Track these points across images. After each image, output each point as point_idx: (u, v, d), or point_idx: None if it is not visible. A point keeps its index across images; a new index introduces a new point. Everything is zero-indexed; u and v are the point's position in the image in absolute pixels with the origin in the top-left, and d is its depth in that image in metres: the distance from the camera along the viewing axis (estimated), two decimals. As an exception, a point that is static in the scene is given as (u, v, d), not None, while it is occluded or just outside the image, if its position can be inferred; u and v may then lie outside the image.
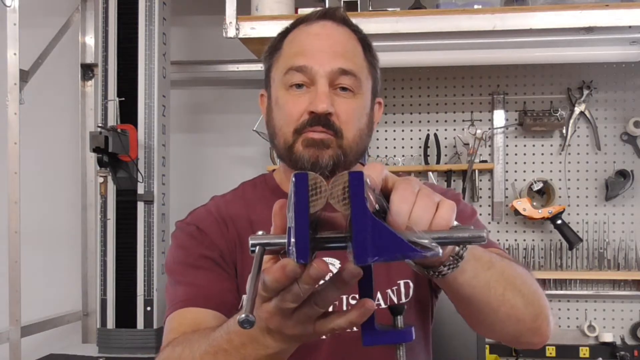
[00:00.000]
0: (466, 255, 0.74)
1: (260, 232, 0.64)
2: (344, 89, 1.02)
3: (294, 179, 0.60)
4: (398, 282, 1.07)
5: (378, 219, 0.58)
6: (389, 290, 1.07)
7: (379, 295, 1.06)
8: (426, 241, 0.60)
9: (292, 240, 0.58)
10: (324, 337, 1.04)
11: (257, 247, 0.62)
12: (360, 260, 0.58)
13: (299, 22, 1.08)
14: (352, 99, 1.03)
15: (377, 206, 0.61)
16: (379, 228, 0.58)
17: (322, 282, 0.63)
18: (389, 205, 0.63)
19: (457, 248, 0.72)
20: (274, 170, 1.19)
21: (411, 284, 1.08)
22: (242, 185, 1.18)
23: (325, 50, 1.02)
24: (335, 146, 1.01)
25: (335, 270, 0.64)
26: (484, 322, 0.89)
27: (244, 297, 0.61)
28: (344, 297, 1.04)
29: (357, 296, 0.69)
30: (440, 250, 0.59)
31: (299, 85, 1.02)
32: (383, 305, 1.05)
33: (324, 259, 0.61)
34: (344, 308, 1.01)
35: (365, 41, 1.09)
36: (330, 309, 0.68)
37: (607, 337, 2.43)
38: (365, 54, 1.08)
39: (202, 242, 1.07)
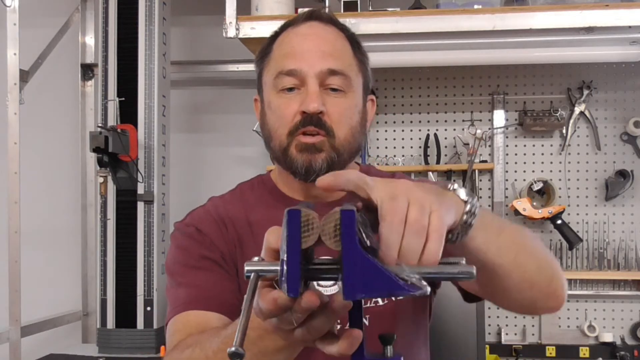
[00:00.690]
0: (475, 222, 0.75)
1: (255, 258, 0.66)
2: (334, 89, 1.03)
3: (286, 216, 0.61)
4: None
5: (368, 256, 0.60)
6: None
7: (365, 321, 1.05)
8: (415, 279, 0.61)
9: (283, 277, 0.60)
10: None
11: (252, 274, 0.64)
12: (349, 297, 0.60)
13: (287, 25, 1.09)
14: (342, 98, 1.04)
15: (368, 242, 0.62)
16: (368, 266, 0.59)
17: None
18: (379, 236, 0.64)
19: (465, 217, 0.74)
20: (270, 170, 1.19)
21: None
22: (239, 186, 1.18)
23: (314, 51, 1.03)
24: (328, 148, 1.02)
25: (328, 295, 0.66)
26: (498, 288, 0.89)
27: (238, 321, 0.63)
28: None
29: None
30: (428, 289, 0.60)
31: (290, 89, 1.03)
32: (380, 303, 1.05)
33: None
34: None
35: (353, 39, 1.09)
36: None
37: (607, 337, 2.43)
38: (354, 51, 1.08)
39: (202, 242, 1.07)
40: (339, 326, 0.76)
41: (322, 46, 1.04)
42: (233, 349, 0.59)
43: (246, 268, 0.64)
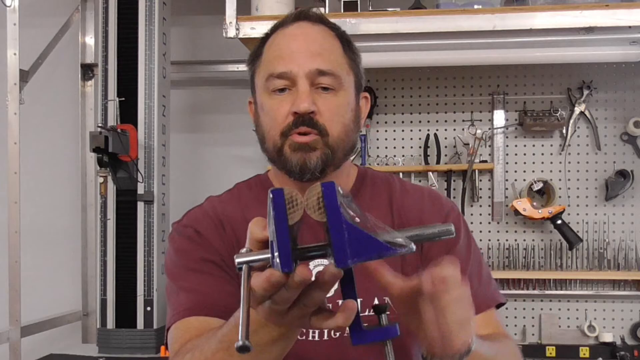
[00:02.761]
0: None
1: (243, 250, 0.67)
2: (325, 88, 1.03)
3: (271, 195, 0.63)
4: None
5: (352, 224, 0.62)
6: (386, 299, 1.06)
7: (375, 300, 1.05)
8: (400, 240, 0.64)
9: (276, 253, 0.62)
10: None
11: (244, 266, 0.65)
12: (341, 264, 0.61)
13: (277, 26, 1.10)
14: (334, 96, 1.04)
15: (349, 211, 0.64)
16: (355, 231, 0.61)
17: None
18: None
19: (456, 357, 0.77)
20: (269, 170, 1.19)
21: None
22: (237, 186, 1.18)
23: (302, 51, 1.03)
24: (322, 146, 1.02)
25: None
26: None
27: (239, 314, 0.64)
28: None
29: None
30: (414, 247, 0.64)
31: (281, 90, 1.04)
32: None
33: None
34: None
35: (343, 37, 1.09)
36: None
37: (607, 337, 2.43)
38: (344, 50, 1.08)
39: (202, 245, 1.07)
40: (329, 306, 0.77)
41: (310, 46, 1.04)
42: (240, 342, 0.61)
43: (236, 260, 0.66)
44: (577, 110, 2.50)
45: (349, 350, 1.04)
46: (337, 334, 1.05)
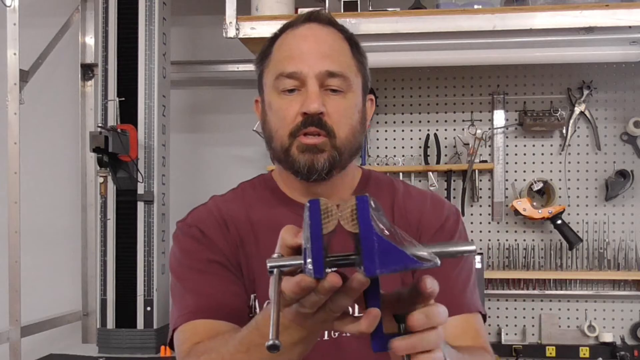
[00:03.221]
0: None
1: (274, 255, 0.72)
2: (334, 90, 1.04)
3: (308, 205, 0.68)
4: None
5: (382, 236, 0.66)
6: None
7: None
8: (425, 254, 0.68)
9: (309, 260, 0.66)
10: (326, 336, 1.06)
11: (275, 270, 0.70)
12: (370, 273, 0.65)
13: (286, 26, 1.10)
14: (342, 98, 1.05)
15: (380, 224, 0.68)
16: (384, 244, 0.65)
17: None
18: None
19: None
20: (272, 170, 1.19)
21: None
22: (241, 185, 1.19)
23: (313, 52, 1.04)
24: (329, 148, 1.03)
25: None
26: None
27: (270, 315, 0.68)
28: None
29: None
30: (439, 262, 0.68)
31: (290, 90, 1.04)
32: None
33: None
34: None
35: (352, 40, 1.10)
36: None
37: (607, 337, 2.43)
38: (352, 52, 1.09)
39: (206, 245, 1.07)
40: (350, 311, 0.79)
41: (320, 48, 1.05)
42: (270, 342, 0.64)
43: (269, 264, 0.70)
44: (577, 110, 2.50)
45: (347, 350, 1.05)
46: (337, 334, 1.05)
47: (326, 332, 1.05)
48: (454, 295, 1.06)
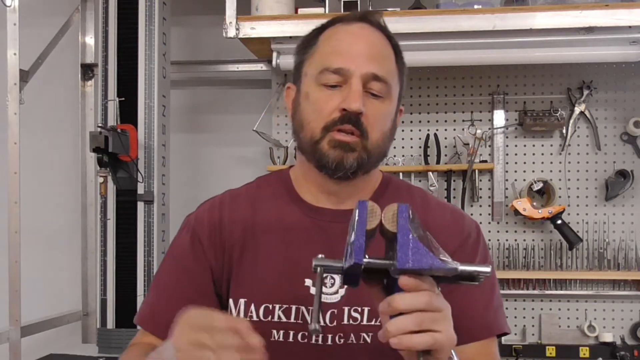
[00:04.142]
0: None
1: (320, 255, 0.84)
2: (374, 94, 1.04)
3: (357, 204, 0.81)
4: None
5: (416, 239, 0.77)
6: None
7: None
8: (449, 260, 0.78)
9: (353, 243, 0.78)
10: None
11: (319, 268, 0.82)
12: (402, 265, 0.75)
13: (337, 20, 1.10)
14: (381, 103, 1.05)
15: (415, 232, 0.78)
16: (417, 244, 0.76)
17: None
18: None
19: None
20: (291, 166, 1.20)
21: None
22: (257, 181, 1.20)
23: (362, 53, 1.04)
24: (360, 148, 1.03)
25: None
26: None
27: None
28: (346, 308, 1.06)
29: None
30: (460, 268, 0.78)
31: (332, 86, 1.04)
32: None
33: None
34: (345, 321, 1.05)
35: (397, 48, 1.11)
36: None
37: (607, 337, 2.43)
38: (397, 60, 1.10)
39: (195, 252, 1.11)
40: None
41: (370, 49, 1.05)
42: (312, 326, 0.77)
43: (314, 263, 0.82)
44: (577, 110, 2.50)
45: (357, 356, 1.04)
46: (343, 340, 1.05)
47: (337, 337, 1.05)
48: (475, 318, 1.06)
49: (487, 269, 0.80)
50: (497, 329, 1.09)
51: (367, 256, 0.78)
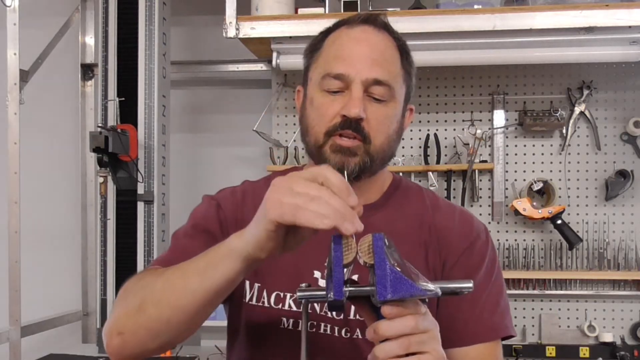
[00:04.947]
0: None
1: (303, 285, 0.84)
2: (376, 98, 1.05)
3: (332, 239, 0.79)
4: None
5: (394, 267, 0.76)
6: None
7: None
8: (430, 285, 0.78)
9: (331, 284, 0.77)
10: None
11: (303, 300, 0.84)
12: (382, 297, 0.75)
13: (342, 23, 1.10)
14: (384, 107, 1.05)
15: (391, 259, 0.78)
16: (395, 274, 0.76)
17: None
18: None
19: None
20: (304, 165, 1.21)
21: None
22: (273, 174, 1.21)
23: (364, 57, 1.04)
24: (362, 153, 1.04)
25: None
26: None
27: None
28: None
29: None
30: (440, 292, 0.78)
31: (334, 91, 1.05)
32: None
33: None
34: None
35: (403, 48, 1.11)
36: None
37: (607, 337, 2.43)
38: (402, 61, 1.10)
39: (214, 217, 1.11)
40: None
41: (372, 54, 1.05)
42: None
43: (298, 294, 0.83)
44: (577, 110, 2.50)
45: (363, 351, 1.05)
46: (349, 334, 1.06)
47: (343, 331, 1.06)
48: (482, 320, 1.07)
49: (470, 284, 0.81)
50: (502, 332, 1.10)
51: (348, 285, 0.79)
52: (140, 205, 2.34)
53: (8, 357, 2.24)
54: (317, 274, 1.07)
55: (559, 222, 2.42)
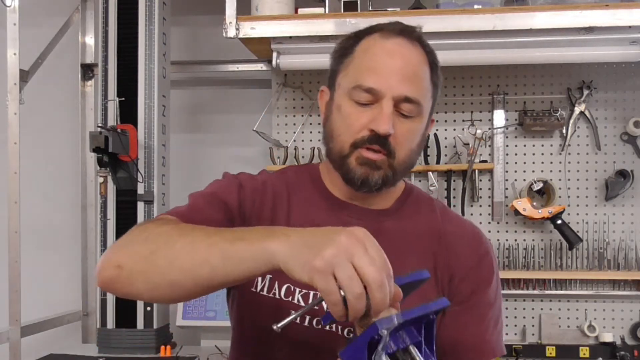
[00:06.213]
0: None
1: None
2: (404, 114, 1.05)
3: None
4: None
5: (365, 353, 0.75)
6: None
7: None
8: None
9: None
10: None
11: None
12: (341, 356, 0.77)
13: (375, 29, 1.08)
14: (410, 122, 1.06)
15: (394, 347, 0.77)
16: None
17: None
18: None
19: None
20: (319, 163, 1.22)
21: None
22: (287, 168, 1.22)
23: (396, 72, 1.03)
24: (386, 167, 1.05)
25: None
26: None
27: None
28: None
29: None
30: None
31: (364, 103, 1.04)
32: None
33: None
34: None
35: (434, 62, 1.11)
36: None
37: (607, 337, 2.43)
38: (432, 76, 1.10)
39: (235, 194, 1.10)
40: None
41: (405, 69, 1.04)
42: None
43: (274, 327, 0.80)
44: (577, 110, 2.49)
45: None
46: (351, 334, 1.06)
47: (345, 331, 1.07)
48: (486, 341, 1.11)
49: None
50: (498, 351, 1.13)
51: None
52: (140, 205, 2.34)
53: (8, 357, 2.24)
54: None
55: (559, 222, 2.42)
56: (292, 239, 0.79)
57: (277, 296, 1.08)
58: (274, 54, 2.31)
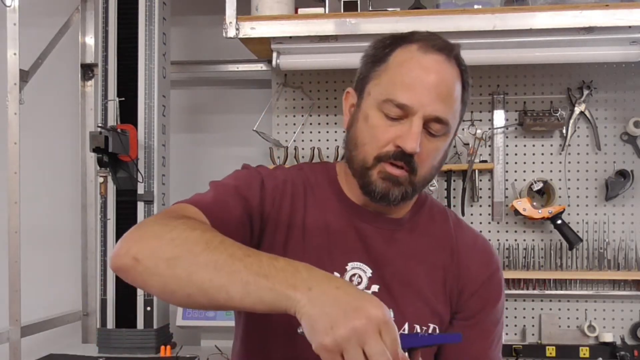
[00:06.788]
0: None
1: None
2: (431, 133, 1.04)
3: None
4: (429, 324, 1.10)
5: None
6: (417, 326, 1.09)
7: (406, 326, 1.08)
8: None
9: None
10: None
11: None
12: None
13: (414, 39, 1.05)
14: (436, 141, 1.05)
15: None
16: None
17: None
18: None
19: None
20: (336, 162, 1.22)
21: (437, 331, 1.11)
22: (303, 165, 1.20)
23: (430, 91, 1.01)
24: (407, 183, 1.04)
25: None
26: None
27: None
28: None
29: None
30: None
31: (394, 117, 1.03)
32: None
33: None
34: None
35: (467, 81, 1.12)
36: None
37: (607, 337, 2.43)
38: (463, 95, 1.10)
39: (257, 191, 1.08)
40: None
41: (439, 88, 1.02)
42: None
43: None
44: (577, 110, 2.49)
45: None
46: None
47: None
48: (489, 357, 1.15)
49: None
50: None
51: None
52: (140, 205, 2.34)
53: (8, 357, 2.24)
54: (336, 275, 1.05)
55: (559, 222, 2.42)
56: (314, 294, 0.77)
57: None
58: (274, 54, 2.31)
